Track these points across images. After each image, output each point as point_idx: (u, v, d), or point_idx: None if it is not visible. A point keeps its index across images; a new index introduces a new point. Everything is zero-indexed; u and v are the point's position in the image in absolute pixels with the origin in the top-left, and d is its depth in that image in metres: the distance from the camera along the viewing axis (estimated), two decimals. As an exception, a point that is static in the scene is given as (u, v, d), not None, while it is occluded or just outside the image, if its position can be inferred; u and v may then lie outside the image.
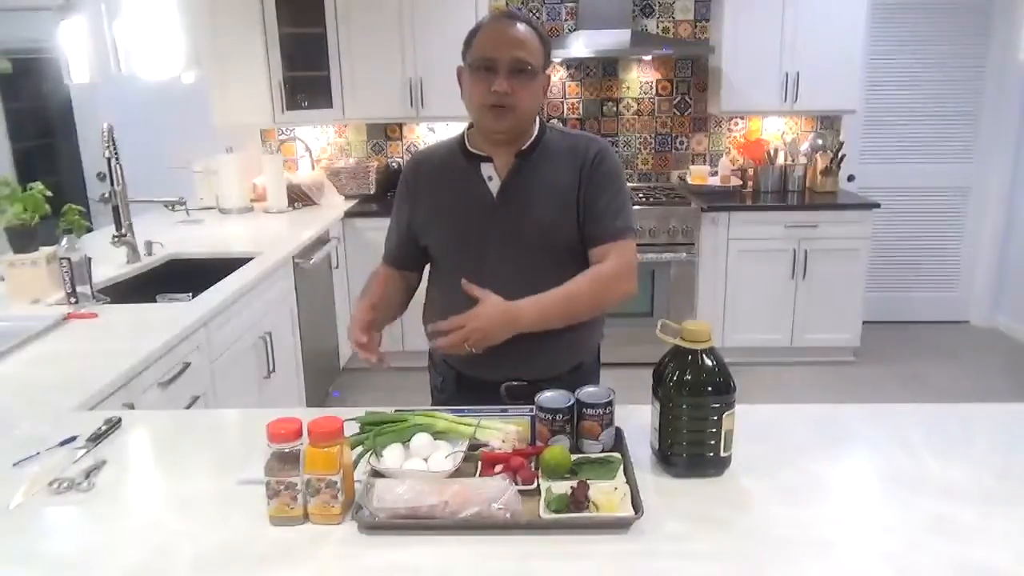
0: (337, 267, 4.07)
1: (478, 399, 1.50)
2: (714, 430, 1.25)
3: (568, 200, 1.61)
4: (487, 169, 1.63)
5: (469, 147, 1.65)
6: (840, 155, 4.45)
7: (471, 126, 1.68)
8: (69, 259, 2.37)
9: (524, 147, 1.62)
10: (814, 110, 4.49)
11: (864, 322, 4.32)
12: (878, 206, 4.17)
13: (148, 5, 3.20)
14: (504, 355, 1.56)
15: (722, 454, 1.26)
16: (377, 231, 4.10)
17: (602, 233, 1.61)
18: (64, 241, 2.42)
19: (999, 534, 1.11)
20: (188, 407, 2.17)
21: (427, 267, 1.79)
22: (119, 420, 1.51)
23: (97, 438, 1.44)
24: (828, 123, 4.67)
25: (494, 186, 1.62)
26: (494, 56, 1.52)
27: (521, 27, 1.55)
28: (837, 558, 1.06)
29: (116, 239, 2.93)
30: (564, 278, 1.57)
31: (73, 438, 1.44)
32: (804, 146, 4.60)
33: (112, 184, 2.89)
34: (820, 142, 4.57)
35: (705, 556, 1.06)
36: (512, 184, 1.61)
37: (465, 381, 1.70)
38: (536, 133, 1.64)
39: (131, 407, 1.81)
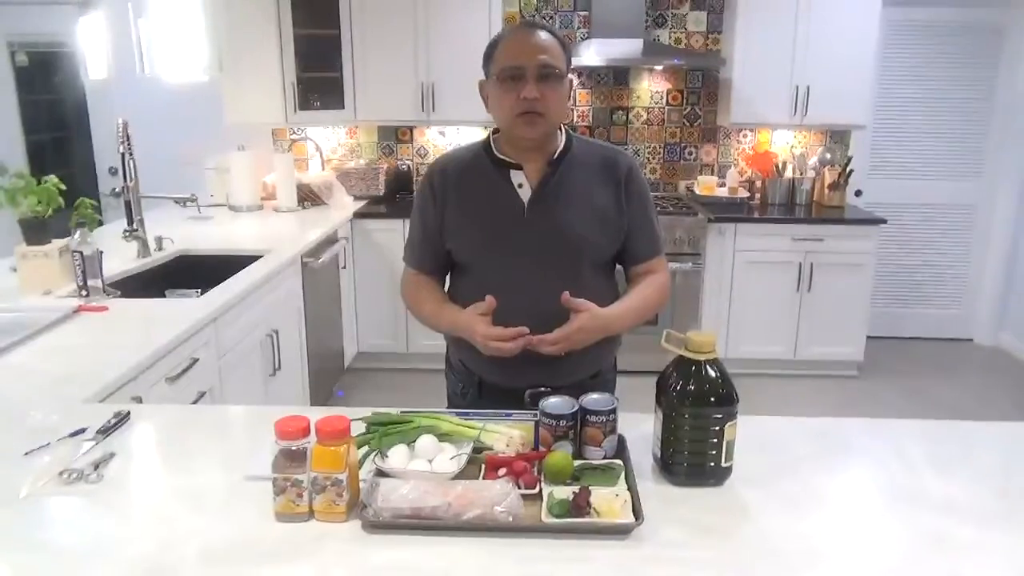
0: (345, 267, 4.09)
1: (499, 406, 1.49)
2: (715, 440, 1.26)
3: (606, 214, 1.64)
4: (517, 176, 1.63)
5: (497, 153, 1.65)
6: (848, 170, 4.46)
7: (495, 132, 1.68)
8: (81, 252, 2.39)
9: (555, 155, 1.63)
10: (823, 124, 4.50)
11: (868, 337, 4.33)
12: (884, 222, 4.18)
13: (171, 5, 3.22)
14: (527, 362, 1.57)
15: (723, 464, 1.28)
16: (385, 232, 4.16)
17: (647, 249, 1.71)
18: (76, 234, 2.45)
19: (997, 551, 1.12)
20: (195, 402, 2.19)
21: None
22: (128, 413, 1.53)
23: (106, 430, 1.46)
24: (837, 138, 4.68)
25: (525, 194, 1.62)
26: (520, 64, 1.53)
27: (542, 34, 1.56)
28: (833, 570, 1.07)
29: (127, 234, 2.96)
30: (591, 287, 1.61)
31: (83, 430, 1.46)
32: (812, 160, 4.61)
33: (125, 179, 2.92)
34: (828, 156, 4.58)
35: (703, 564, 1.08)
36: (543, 192, 1.62)
37: (487, 388, 1.70)
38: (564, 141, 1.65)
39: (139, 400, 1.83)
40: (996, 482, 1.33)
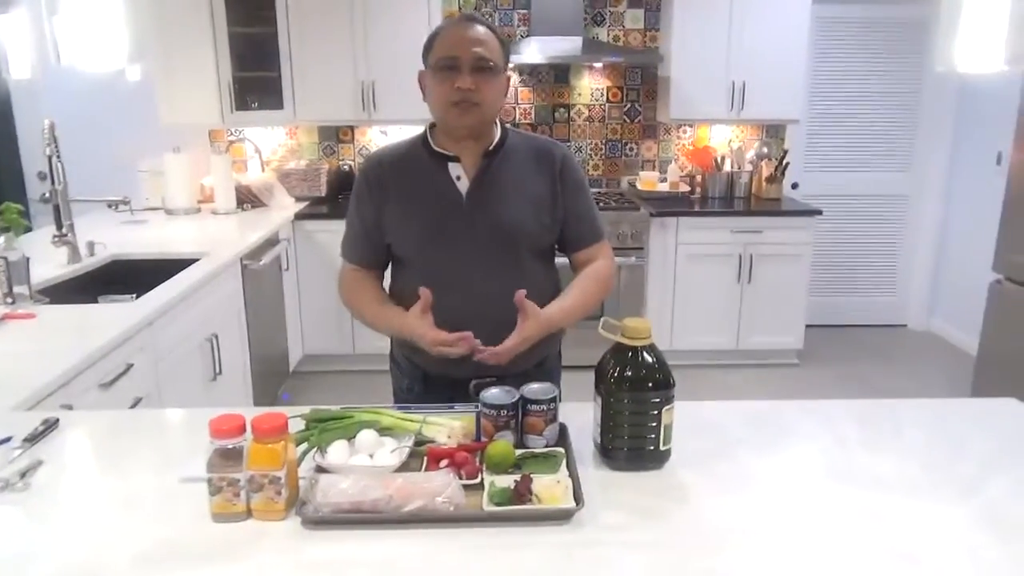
0: (287, 269, 4.03)
1: (446, 398, 1.50)
2: (654, 424, 1.28)
3: (542, 203, 1.67)
4: (455, 169, 1.64)
5: (434, 146, 1.66)
6: (784, 163, 4.57)
7: (432, 126, 1.69)
8: (6, 258, 2.31)
9: (490, 147, 1.65)
10: (759, 119, 4.61)
11: (807, 325, 4.44)
12: (820, 213, 4.30)
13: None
14: (471, 354, 1.58)
15: (661, 448, 1.30)
16: (328, 233, 4.11)
17: (588, 235, 1.74)
18: (1, 240, 2.36)
19: (924, 522, 1.16)
20: (131, 408, 2.13)
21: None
22: (56, 420, 1.48)
23: (34, 438, 1.41)
24: (773, 132, 4.80)
25: (463, 186, 1.64)
26: (457, 55, 1.55)
27: (480, 28, 1.58)
28: (768, 547, 1.10)
29: (56, 239, 2.86)
30: (532, 276, 1.65)
31: (8, 439, 1.40)
32: (750, 154, 4.72)
33: (53, 182, 2.82)
34: (765, 150, 4.69)
35: (641, 545, 1.09)
36: (481, 184, 1.63)
37: (432, 381, 1.70)
38: (499, 134, 1.67)
39: (69, 408, 1.77)
40: (922, 456, 1.38)
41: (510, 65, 1.65)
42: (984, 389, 3.54)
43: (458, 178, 1.64)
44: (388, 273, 1.77)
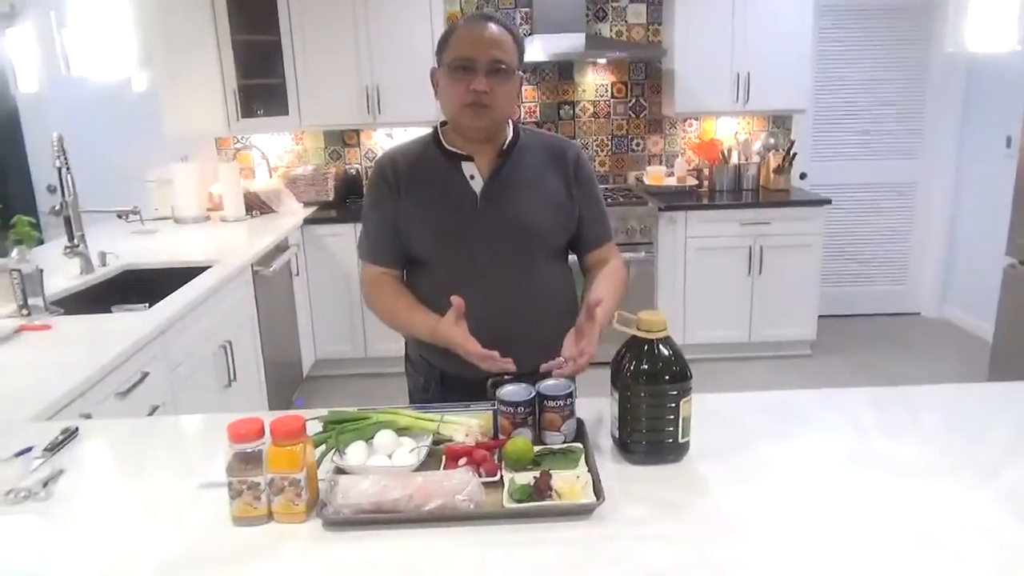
0: (298, 274, 4.04)
1: (463, 397, 1.48)
2: (672, 417, 1.28)
3: (558, 201, 1.67)
4: (468, 168, 1.64)
5: (448, 145, 1.65)
6: (792, 153, 4.55)
7: (443, 124, 1.69)
8: (20, 271, 2.32)
9: (504, 146, 1.65)
10: (765, 110, 4.59)
11: (820, 316, 4.43)
12: (829, 202, 4.28)
13: (97, 9, 3.15)
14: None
15: (680, 440, 1.29)
16: (337, 238, 4.12)
17: (602, 234, 1.75)
18: (14, 253, 2.38)
19: (944, 506, 1.15)
20: (148, 416, 2.14)
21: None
22: (76, 429, 1.49)
23: (54, 448, 1.41)
24: (779, 122, 4.77)
25: (477, 185, 1.63)
26: (472, 56, 1.54)
27: (496, 28, 1.57)
28: (789, 535, 1.09)
29: (68, 250, 2.88)
30: (546, 275, 1.65)
31: (29, 449, 1.41)
32: (757, 145, 4.69)
33: (63, 194, 2.84)
34: (772, 141, 4.67)
35: (662, 538, 1.09)
36: (495, 183, 1.63)
37: (449, 380, 1.68)
38: (512, 133, 1.67)
39: (88, 417, 1.78)
40: (940, 441, 1.38)
41: (517, 63, 1.64)
42: (1001, 375, 3.52)
43: (472, 177, 1.64)
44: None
